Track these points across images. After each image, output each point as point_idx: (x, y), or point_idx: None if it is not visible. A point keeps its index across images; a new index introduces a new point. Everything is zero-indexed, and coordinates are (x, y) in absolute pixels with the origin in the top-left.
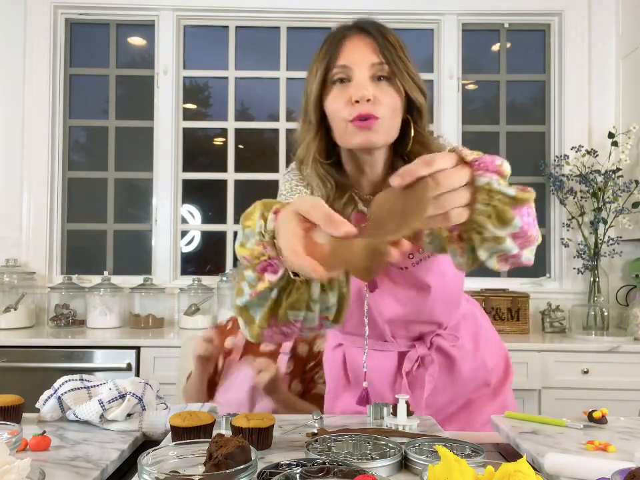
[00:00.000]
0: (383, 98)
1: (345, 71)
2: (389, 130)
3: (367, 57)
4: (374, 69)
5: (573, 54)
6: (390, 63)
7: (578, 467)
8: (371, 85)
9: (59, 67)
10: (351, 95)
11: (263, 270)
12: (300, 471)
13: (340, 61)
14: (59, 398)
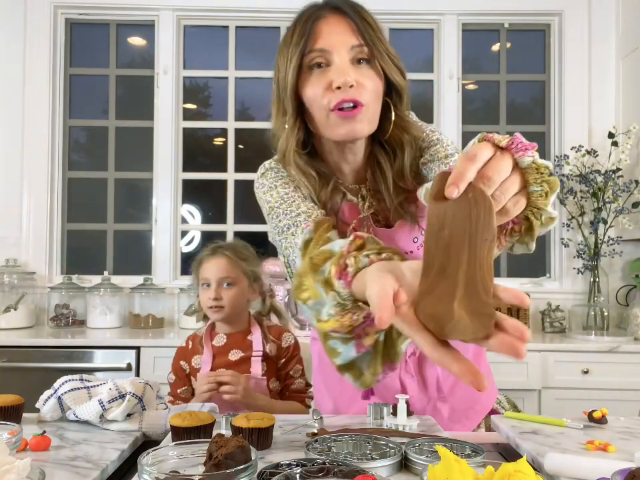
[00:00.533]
0: (365, 82)
1: (323, 55)
2: (373, 117)
3: (346, 39)
4: (354, 51)
5: (572, 54)
6: (370, 44)
7: (578, 467)
8: (352, 68)
9: (59, 67)
10: (332, 81)
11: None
12: (300, 471)
13: (317, 44)
14: (59, 398)
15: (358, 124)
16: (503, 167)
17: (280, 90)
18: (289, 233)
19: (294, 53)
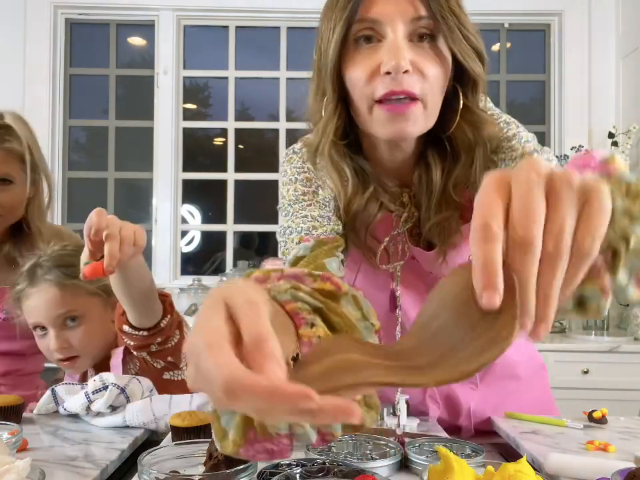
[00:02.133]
0: (426, 67)
1: (374, 27)
2: (431, 113)
3: (405, 7)
4: (413, 24)
5: (572, 54)
6: (437, 17)
7: (578, 467)
8: (409, 47)
9: (59, 67)
10: (381, 63)
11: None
12: (300, 471)
13: (368, 12)
14: (53, 390)
15: (409, 123)
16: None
17: (320, 64)
18: (289, 238)
19: (339, 20)
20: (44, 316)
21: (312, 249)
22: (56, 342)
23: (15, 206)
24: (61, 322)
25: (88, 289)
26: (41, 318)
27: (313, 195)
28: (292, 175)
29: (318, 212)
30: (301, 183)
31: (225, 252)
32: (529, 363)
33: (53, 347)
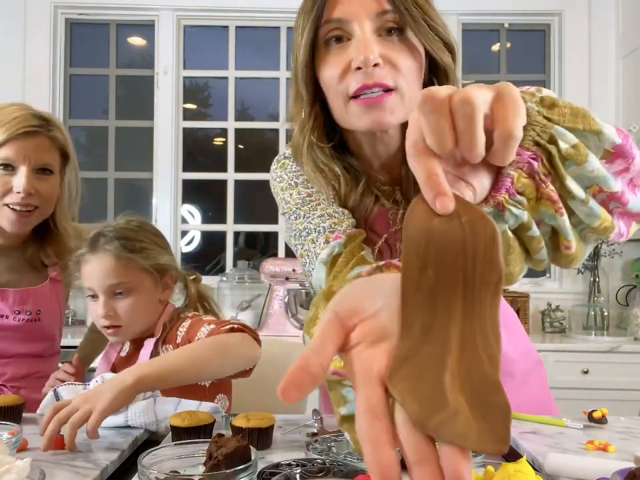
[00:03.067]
0: (397, 59)
1: (341, 26)
2: (408, 103)
3: (369, 4)
4: (380, 19)
5: (572, 54)
6: (401, 10)
7: (578, 467)
8: (378, 42)
9: (59, 66)
10: (351, 59)
11: None
12: (300, 471)
13: (333, 13)
14: (55, 391)
15: (386, 113)
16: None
17: (294, 68)
18: (307, 239)
19: (306, 22)
20: (97, 283)
21: (345, 245)
22: (103, 309)
23: (52, 198)
24: (111, 291)
25: (142, 264)
26: (94, 284)
27: (318, 194)
28: (290, 180)
29: (332, 209)
30: (302, 186)
31: (224, 252)
32: (525, 359)
33: (100, 313)
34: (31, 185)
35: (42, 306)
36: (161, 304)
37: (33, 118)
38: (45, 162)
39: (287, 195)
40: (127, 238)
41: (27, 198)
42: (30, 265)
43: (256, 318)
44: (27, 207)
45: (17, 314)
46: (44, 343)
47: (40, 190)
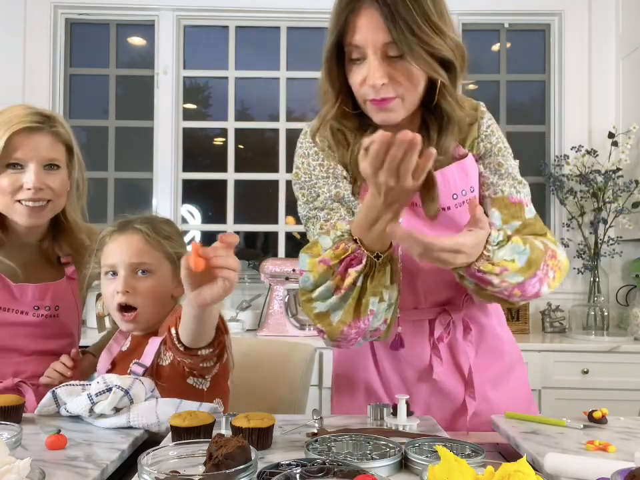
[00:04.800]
0: (399, 77)
1: (357, 51)
2: (409, 105)
3: (377, 36)
4: (385, 47)
5: (572, 54)
6: (399, 43)
7: (578, 467)
8: (385, 64)
9: (59, 66)
10: (366, 76)
11: (346, 267)
12: (300, 471)
13: (352, 39)
14: (54, 392)
15: (392, 113)
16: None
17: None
18: (308, 223)
19: (331, 39)
20: (121, 259)
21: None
22: (123, 285)
23: (62, 192)
24: (133, 269)
25: (167, 251)
26: (118, 260)
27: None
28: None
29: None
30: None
31: None
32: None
33: (120, 288)
34: (40, 180)
35: (60, 301)
36: (172, 300)
37: (35, 115)
38: (51, 157)
39: (299, 162)
40: (154, 224)
41: (38, 193)
42: (47, 261)
43: (256, 318)
44: (38, 202)
45: (36, 309)
46: (62, 340)
47: (50, 184)
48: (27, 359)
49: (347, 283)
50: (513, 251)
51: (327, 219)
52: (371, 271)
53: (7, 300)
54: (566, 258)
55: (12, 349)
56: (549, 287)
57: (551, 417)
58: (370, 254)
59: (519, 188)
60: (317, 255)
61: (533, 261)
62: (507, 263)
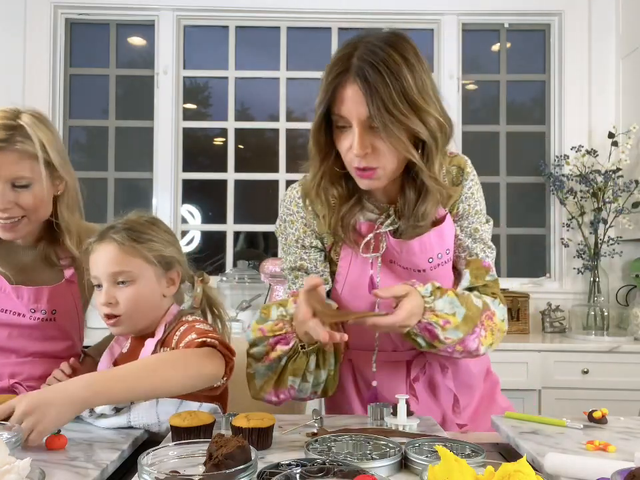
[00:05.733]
0: (382, 147)
1: (343, 120)
2: (391, 172)
3: (359, 110)
4: (369, 120)
5: (572, 54)
6: (376, 117)
7: (578, 467)
8: (368, 135)
9: (59, 66)
10: (351, 144)
11: (276, 342)
12: (300, 471)
13: (338, 110)
14: None
15: (374, 182)
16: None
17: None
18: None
19: (320, 106)
20: (101, 271)
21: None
22: (104, 296)
23: (38, 205)
24: (113, 279)
25: (147, 256)
26: (99, 272)
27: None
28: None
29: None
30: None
31: (224, 253)
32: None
33: (102, 300)
34: (6, 199)
35: (57, 305)
36: (165, 300)
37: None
38: (16, 176)
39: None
40: (133, 229)
41: (6, 212)
42: (45, 263)
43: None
44: (10, 220)
45: (33, 312)
46: (61, 342)
47: (18, 202)
48: (23, 360)
49: (273, 356)
50: (452, 305)
51: (293, 282)
52: (295, 355)
53: (3, 301)
54: (503, 321)
55: (8, 350)
56: (483, 345)
57: (551, 417)
58: (298, 341)
59: (487, 252)
60: (264, 320)
61: (469, 317)
62: (448, 316)
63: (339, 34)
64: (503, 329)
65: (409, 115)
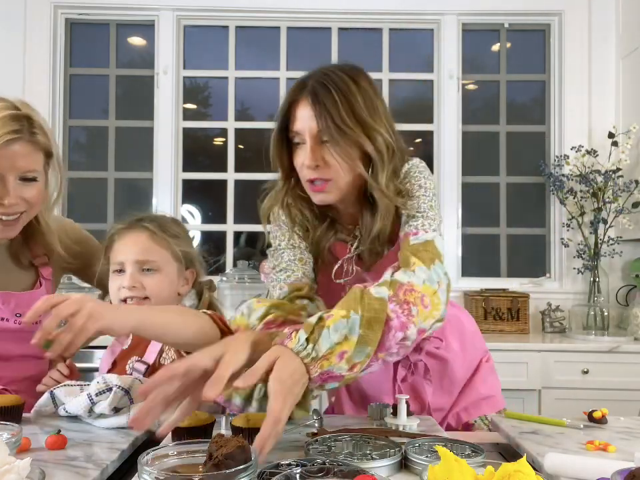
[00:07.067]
0: (331, 160)
1: (298, 136)
2: (343, 186)
3: (310, 124)
4: (318, 135)
5: (572, 54)
6: (324, 131)
7: (578, 467)
8: (320, 148)
9: (59, 66)
10: (304, 159)
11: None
12: (300, 471)
13: (293, 126)
14: (52, 392)
15: (327, 195)
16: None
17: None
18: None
19: (277, 125)
20: (128, 256)
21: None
22: (130, 280)
23: (38, 202)
24: (139, 266)
25: (174, 250)
26: (125, 257)
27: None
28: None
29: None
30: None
31: (224, 253)
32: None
33: (127, 283)
34: (16, 194)
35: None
36: (178, 298)
37: (13, 121)
38: (29, 169)
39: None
40: (163, 222)
41: (12, 207)
42: (17, 263)
43: None
44: (13, 216)
45: (18, 317)
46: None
47: (25, 196)
48: (6, 364)
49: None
50: (337, 330)
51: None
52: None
53: None
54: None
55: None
56: (424, 321)
57: (551, 417)
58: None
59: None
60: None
61: (372, 319)
62: (338, 347)
63: (339, 34)
64: (430, 289)
65: (355, 129)
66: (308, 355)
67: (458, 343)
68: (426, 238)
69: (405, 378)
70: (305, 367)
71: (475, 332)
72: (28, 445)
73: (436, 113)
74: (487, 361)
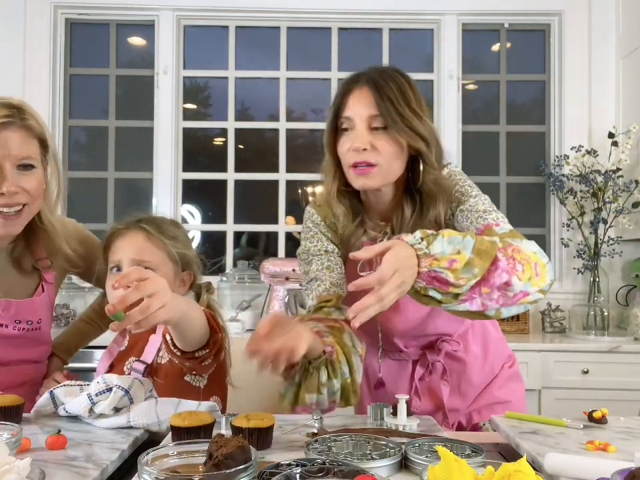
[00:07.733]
0: (380, 146)
1: (348, 122)
2: (387, 174)
3: (365, 109)
4: (371, 120)
5: (572, 54)
6: (384, 115)
7: (578, 467)
8: (369, 134)
9: (59, 66)
10: (352, 143)
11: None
12: (300, 471)
13: (345, 113)
14: (51, 392)
15: (369, 179)
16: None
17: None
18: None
19: (330, 115)
20: (124, 256)
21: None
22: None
23: (39, 193)
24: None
25: (170, 251)
26: (122, 256)
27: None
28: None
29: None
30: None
31: (224, 254)
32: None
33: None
34: (14, 183)
35: (42, 314)
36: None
37: (4, 108)
38: (25, 155)
39: (301, 239)
40: (160, 224)
41: (13, 197)
42: (19, 268)
43: (256, 318)
44: (14, 207)
45: (18, 323)
46: (41, 347)
47: (25, 186)
48: (5, 369)
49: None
50: (452, 243)
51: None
52: (305, 373)
53: None
54: (535, 253)
55: None
56: (521, 281)
57: (551, 417)
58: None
59: (484, 216)
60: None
61: (481, 250)
62: (452, 255)
63: (339, 34)
64: (541, 261)
65: (412, 117)
66: (421, 250)
67: (480, 347)
68: (510, 228)
69: (423, 377)
70: (417, 259)
71: (499, 339)
72: (28, 445)
73: (436, 112)
74: (510, 367)
